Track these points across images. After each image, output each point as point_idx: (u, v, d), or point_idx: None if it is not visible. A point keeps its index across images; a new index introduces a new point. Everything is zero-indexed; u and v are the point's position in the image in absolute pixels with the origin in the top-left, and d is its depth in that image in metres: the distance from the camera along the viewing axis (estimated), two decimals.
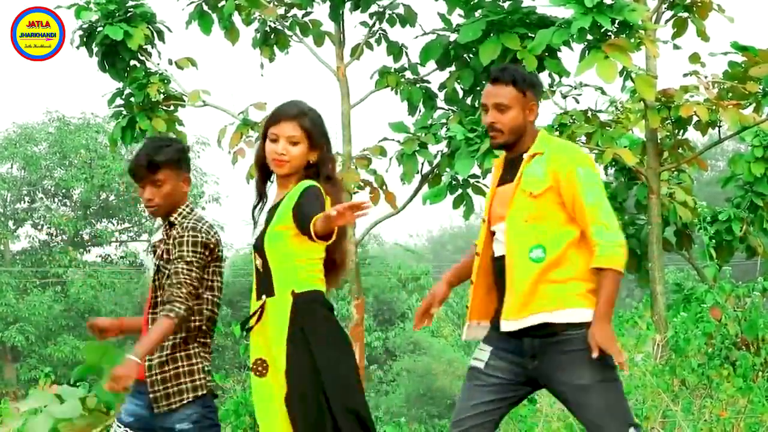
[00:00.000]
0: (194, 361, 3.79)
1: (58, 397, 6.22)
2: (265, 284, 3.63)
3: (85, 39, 9.73)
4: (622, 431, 3.57)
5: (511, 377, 3.68)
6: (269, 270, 3.62)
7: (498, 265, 3.68)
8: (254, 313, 3.64)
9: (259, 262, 3.65)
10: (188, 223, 3.83)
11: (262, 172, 3.79)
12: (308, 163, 3.71)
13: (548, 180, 3.60)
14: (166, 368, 3.77)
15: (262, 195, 3.80)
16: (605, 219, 3.55)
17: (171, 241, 3.82)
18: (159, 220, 3.98)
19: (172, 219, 3.86)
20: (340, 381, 3.55)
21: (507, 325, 3.60)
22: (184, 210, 3.89)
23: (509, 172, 3.73)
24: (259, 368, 3.63)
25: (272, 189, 3.85)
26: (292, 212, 3.57)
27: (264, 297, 3.62)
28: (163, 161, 3.83)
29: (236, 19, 10.05)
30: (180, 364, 3.78)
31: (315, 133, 3.69)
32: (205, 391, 3.79)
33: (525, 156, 3.66)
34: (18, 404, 6.40)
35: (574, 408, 3.63)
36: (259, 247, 3.66)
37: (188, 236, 3.77)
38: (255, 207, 3.82)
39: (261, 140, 3.76)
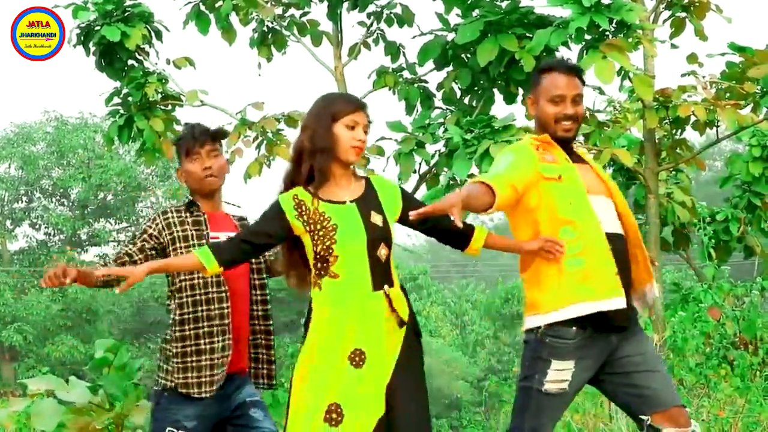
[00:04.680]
0: None
1: (67, 382, 6.23)
2: (387, 275, 3.61)
3: (82, 38, 9.71)
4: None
5: (587, 377, 3.72)
6: (390, 260, 3.64)
7: (614, 243, 3.60)
8: (392, 306, 3.56)
9: (384, 252, 3.60)
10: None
11: (330, 158, 3.69)
12: None
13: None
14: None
15: (323, 181, 3.73)
16: None
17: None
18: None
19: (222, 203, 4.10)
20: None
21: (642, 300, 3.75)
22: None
23: (570, 156, 3.78)
24: (356, 359, 3.55)
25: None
26: (409, 207, 3.58)
27: (386, 287, 3.58)
28: (224, 134, 4.11)
29: (233, 19, 10.04)
30: None
31: None
32: None
33: (589, 160, 3.82)
34: (27, 381, 6.40)
35: (646, 377, 3.63)
36: (385, 237, 3.62)
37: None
38: (313, 194, 3.68)
39: (326, 126, 3.63)
